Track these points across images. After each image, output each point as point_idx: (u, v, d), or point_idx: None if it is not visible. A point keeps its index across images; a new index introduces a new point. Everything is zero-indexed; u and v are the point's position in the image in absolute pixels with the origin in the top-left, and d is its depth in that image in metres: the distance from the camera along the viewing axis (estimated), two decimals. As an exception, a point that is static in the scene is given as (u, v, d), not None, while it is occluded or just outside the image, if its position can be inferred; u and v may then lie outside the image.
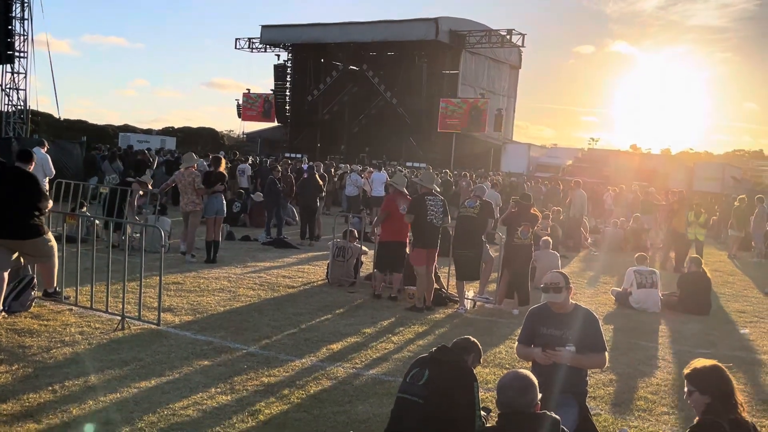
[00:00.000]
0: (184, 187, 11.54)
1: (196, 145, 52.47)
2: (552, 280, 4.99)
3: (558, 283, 4.95)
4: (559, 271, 5.27)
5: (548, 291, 4.98)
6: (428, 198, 9.11)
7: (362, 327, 7.93)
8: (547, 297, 5.04)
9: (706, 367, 3.66)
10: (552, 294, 4.95)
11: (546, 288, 4.99)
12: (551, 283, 4.96)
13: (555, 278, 5.02)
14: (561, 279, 4.99)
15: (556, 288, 4.94)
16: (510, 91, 55.92)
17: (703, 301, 10.27)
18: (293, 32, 52.46)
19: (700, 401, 3.59)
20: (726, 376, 3.64)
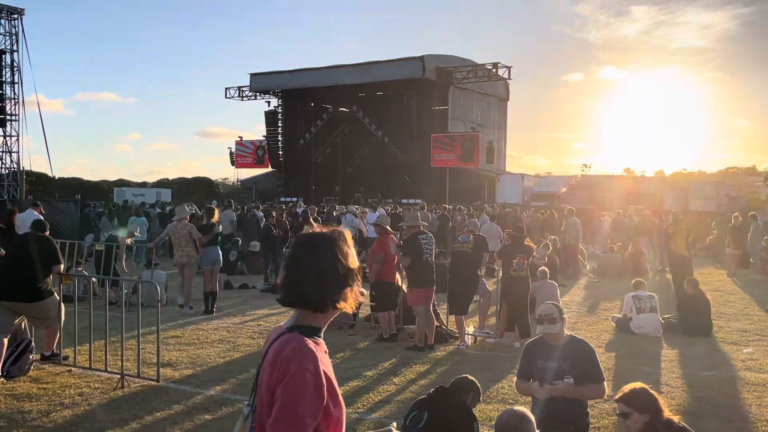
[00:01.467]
0: (177, 239, 11.56)
1: (192, 195, 52.65)
2: (546, 312, 5.05)
3: (552, 314, 5.01)
4: (553, 303, 5.33)
5: (543, 323, 5.03)
6: (421, 237, 9.15)
7: (363, 370, 7.89)
8: (541, 329, 5.08)
9: (638, 388, 3.96)
10: (547, 326, 5.00)
11: (540, 320, 5.05)
12: (546, 315, 5.03)
13: (549, 310, 5.07)
14: (555, 310, 5.05)
15: (550, 319, 5.00)
16: (500, 123, 56.36)
17: (704, 322, 10.25)
18: (282, 78, 52.98)
19: (638, 420, 3.81)
20: (654, 395, 3.92)
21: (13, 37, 28.14)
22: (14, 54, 28.09)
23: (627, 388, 4.03)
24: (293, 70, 52.80)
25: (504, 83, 53.38)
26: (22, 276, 7.33)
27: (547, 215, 27.68)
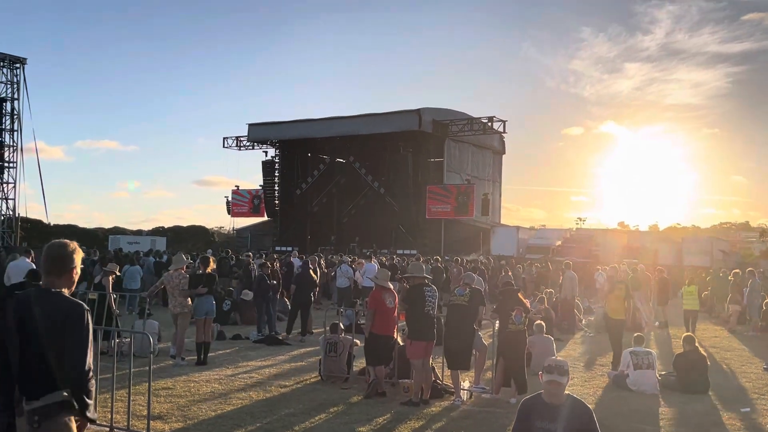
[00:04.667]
0: (172, 289, 11.50)
1: (187, 243, 52.53)
2: (557, 363, 4.90)
3: (563, 366, 4.87)
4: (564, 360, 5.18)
5: (552, 372, 4.82)
6: (426, 288, 9.11)
7: (358, 425, 7.76)
8: (550, 377, 4.83)
9: None
10: (556, 375, 4.79)
11: (550, 368, 4.83)
12: (556, 365, 4.85)
13: (560, 362, 4.94)
14: (565, 364, 4.94)
15: (561, 370, 4.82)
16: (495, 176, 56.82)
17: (701, 380, 10.16)
18: (279, 129, 53.50)
19: None
20: None
21: (15, 85, 28.54)
22: (15, 102, 28.43)
23: None
24: (291, 120, 53.43)
25: (499, 136, 54.02)
26: None
27: (540, 269, 27.68)
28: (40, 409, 3.18)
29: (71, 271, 3.58)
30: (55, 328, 3.30)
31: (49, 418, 3.19)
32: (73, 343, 3.31)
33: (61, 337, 3.28)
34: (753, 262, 37.33)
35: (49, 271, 3.54)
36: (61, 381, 3.25)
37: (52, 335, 3.28)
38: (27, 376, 3.25)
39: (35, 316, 3.32)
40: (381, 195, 49.39)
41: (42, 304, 3.37)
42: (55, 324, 3.31)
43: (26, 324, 3.31)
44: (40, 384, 3.21)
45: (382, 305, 9.31)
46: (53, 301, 3.39)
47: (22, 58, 28.80)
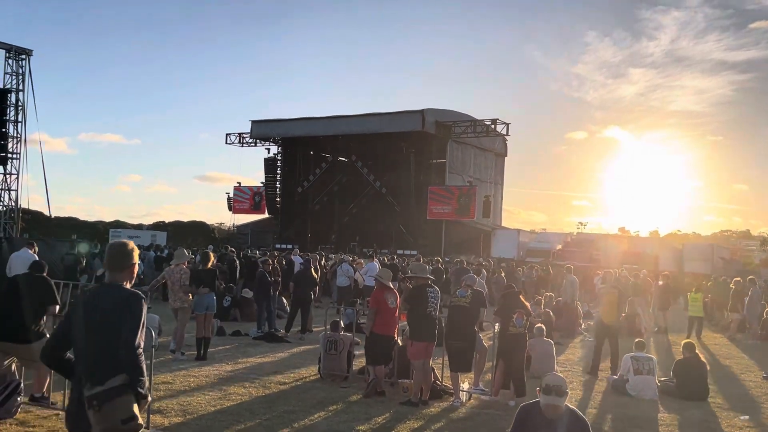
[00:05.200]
0: (172, 284, 11.50)
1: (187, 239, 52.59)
2: (555, 383, 4.70)
3: (561, 386, 4.69)
4: (560, 375, 5.04)
5: (550, 393, 4.65)
6: (429, 289, 9.10)
7: (356, 424, 7.76)
8: (547, 400, 4.67)
9: None
10: (554, 397, 4.63)
11: (548, 389, 4.66)
12: (554, 386, 4.66)
13: (558, 380, 4.74)
14: (563, 382, 4.75)
15: (559, 391, 4.65)
16: (497, 179, 56.86)
17: (700, 386, 10.15)
18: (282, 126, 53.54)
19: None
20: None
21: (20, 77, 28.50)
22: (19, 93, 28.40)
23: None
24: (294, 118, 53.46)
25: (502, 139, 54.04)
26: (15, 317, 7.27)
27: (541, 272, 27.68)
28: (100, 394, 3.45)
29: (131, 267, 3.98)
30: (117, 317, 3.66)
31: (108, 400, 3.44)
32: (127, 326, 3.64)
33: (119, 327, 3.63)
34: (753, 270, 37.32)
35: (111, 267, 3.93)
36: (120, 366, 3.55)
37: (114, 324, 3.63)
38: (93, 364, 3.56)
39: (100, 308, 3.71)
40: (382, 195, 49.42)
41: (106, 298, 3.77)
42: (117, 313, 3.67)
43: (92, 316, 3.69)
44: (105, 370, 3.50)
45: (384, 305, 9.30)
46: (115, 293, 3.78)
47: (28, 49, 28.81)
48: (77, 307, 3.85)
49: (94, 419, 3.50)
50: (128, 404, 3.53)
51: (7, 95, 27.72)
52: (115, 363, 3.56)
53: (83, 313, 3.78)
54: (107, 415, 3.48)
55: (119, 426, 3.49)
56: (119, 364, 3.57)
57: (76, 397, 3.63)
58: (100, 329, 3.65)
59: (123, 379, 3.54)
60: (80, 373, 3.64)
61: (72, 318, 3.83)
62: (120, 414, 3.50)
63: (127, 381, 3.55)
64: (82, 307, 3.82)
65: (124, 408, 3.52)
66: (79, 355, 3.72)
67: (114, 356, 3.58)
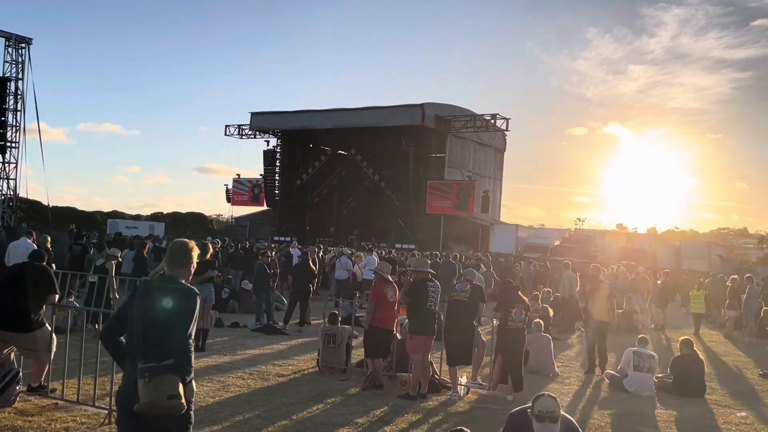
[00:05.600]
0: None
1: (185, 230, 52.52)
2: (548, 408, 4.42)
3: (554, 411, 4.43)
4: (553, 396, 4.66)
5: (543, 420, 4.40)
6: (429, 284, 9.10)
7: (355, 417, 7.77)
8: (541, 428, 4.42)
9: None
10: (548, 424, 4.39)
11: (540, 416, 4.40)
12: (547, 412, 4.40)
13: (551, 405, 4.45)
14: (556, 406, 4.48)
15: (552, 417, 4.40)
16: (496, 173, 56.81)
17: (697, 383, 10.18)
18: (282, 119, 53.45)
19: None
20: None
21: (19, 65, 28.43)
22: (19, 82, 28.34)
23: None
24: (293, 111, 53.37)
25: (501, 134, 53.96)
26: (14, 305, 7.27)
27: (539, 267, 27.70)
28: (153, 368, 3.82)
29: (189, 264, 4.36)
30: (172, 308, 4.03)
31: (156, 374, 3.81)
32: (181, 319, 4.02)
33: (174, 315, 4.01)
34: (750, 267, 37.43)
35: (171, 263, 4.30)
36: (172, 350, 3.91)
37: (168, 313, 4.00)
38: (148, 346, 3.91)
39: (157, 298, 4.06)
40: (381, 188, 49.37)
41: (164, 289, 4.12)
42: (172, 304, 4.04)
43: (149, 304, 4.05)
44: (158, 352, 3.87)
45: (383, 298, 9.31)
46: (172, 286, 4.15)
47: (28, 38, 28.73)
48: (137, 294, 4.21)
49: (143, 391, 3.81)
50: (175, 383, 3.86)
51: (7, 84, 27.66)
52: (167, 347, 3.92)
53: (142, 301, 4.12)
54: (155, 388, 3.80)
55: (165, 401, 3.81)
56: (170, 349, 3.92)
57: (131, 380, 3.96)
58: (156, 317, 3.99)
59: (173, 362, 3.89)
60: (136, 352, 3.97)
61: (130, 304, 4.19)
62: (167, 389, 3.83)
63: (176, 363, 3.90)
64: (141, 296, 4.17)
65: (171, 385, 3.85)
66: (135, 337, 4.04)
67: (167, 341, 3.93)
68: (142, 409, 3.85)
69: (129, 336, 4.12)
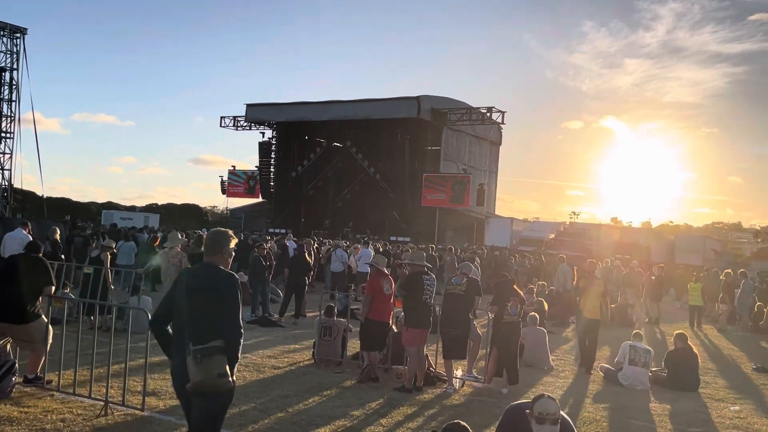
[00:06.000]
0: (167, 267, 11.46)
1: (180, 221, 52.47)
2: (548, 410, 4.30)
3: (555, 413, 4.31)
4: (553, 398, 4.54)
5: (543, 422, 4.28)
6: (425, 277, 9.12)
7: (350, 409, 7.80)
8: (540, 429, 4.32)
9: None
10: (549, 426, 4.28)
11: (541, 418, 4.29)
12: (548, 414, 4.28)
13: (551, 407, 4.33)
14: (557, 408, 4.37)
15: (553, 419, 4.28)
16: (491, 167, 56.82)
17: (691, 377, 10.24)
18: (277, 110, 53.32)
19: None
20: None
21: (14, 55, 28.26)
22: (14, 72, 28.18)
23: None
24: (289, 102, 53.21)
25: (497, 128, 53.95)
26: (10, 296, 7.27)
27: (533, 261, 27.76)
28: (202, 350, 4.13)
29: (223, 250, 4.60)
30: (214, 293, 4.33)
31: (207, 355, 4.12)
32: (229, 305, 4.34)
33: (218, 299, 4.31)
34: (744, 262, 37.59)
35: (209, 251, 4.60)
36: (219, 332, 4.21)
37: (211, 297, 4.30)
38: (195, 329, 4.22)
39: (199, 284, 4.40)
40: (377, 181, 49.33)
41: (204, 276, 4.46)
42: (213, 289, 4.34)
43: (193, 290, 4.37)
44: (206, 334, 4.18)
45: (379, 291, 9.33)
46: (212, 273, 4.44)
47: (23, 27, 28.54)
48: (180, 283, 4.56)
49: (194, 370, 4.13)
50: (223, 362, 4.18)
51: (2, 74, 27.52)
52: (214, 329, 4.21)
53: (185, 288, 4.44)
54: (206, 368, 4.12)
55: (214, 379, 4.12)
56: (217, 331, 4.21)
57: (179, 362, 4.34)
58: (200, 301, 4.28)
59: (221, 343, 4.18)
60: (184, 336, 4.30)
61: (174, 293, 4.54)
62: (216, 369, 4.14)
63: (224, 345, 4.20)
64: (184, 284, 4.49)
65: (220, 364, 4.16)
66: (183, 322, 4.36)
67: (213, 324, 4.23)
68: (194, 387, 4.16)
69: (176, 321, 4.45)
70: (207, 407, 4.31)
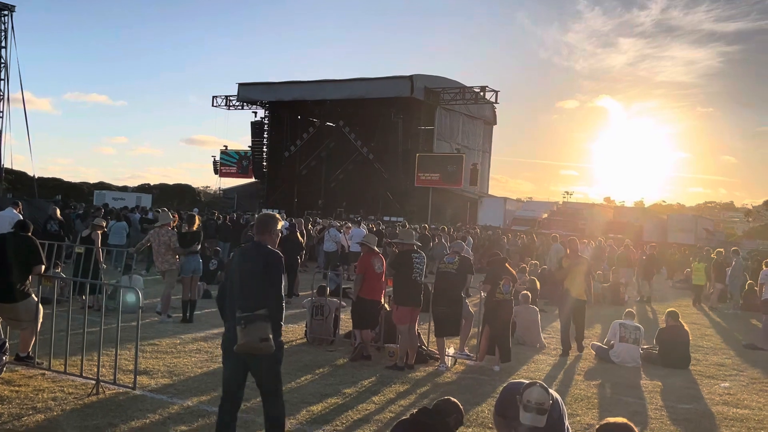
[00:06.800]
0: (158, 246, 11.41)
1: (172, 201, 52.28)
2: (537, 399, 4.32)
3: (544, 403, 4.33)
4: (545, 387, 4.54)
5: (530, 410, 4.32)
6: (414, 255, 9.11)
7: (343, 387, 7.80)
8: (527, 418, 4.37)
9: (618, 424, 3.69)
10: (535, 416, 4.31)
11: (528, 406, 4.33)
12: (536, 403, 4.32)
13: (541, 396, 4.35)
14: (546, 398, 4.37)
15: (540, 409, 4.31)
16: (485, 146, 56.79)
17: (682, 354, 10.29)
18: (269, 90, 53.03)
19: None
20: None
21: (2, 33, 27.91)
22: (1, 50, 27.85)
23: (607, 421, 3.80)
24: (281, 82, 52.89)
25: (491, 107, 53.85)
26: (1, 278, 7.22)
27: (526, 240, 27.81)
28: (246, 317, 4.67)
29: (271, 231, 5.14)
30: (261, 268, 4.89)
31: (251, 321, 4.65)
32: (273, 279, 4.91)
33: (263, 273, 4.87)
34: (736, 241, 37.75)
35: (258, 231, 5.16)
36: (263, 302, 4.76)
37: (258, 272, 4.87)
38: (242, 299, 4.79)
39: (249, 261, 4.97)
40: (370, 161, 49.25)
41: (253, 253, 5.03)
42: (261, 265, 4.90)
43: (244, 266, 4.95)
44: (252, 303, 4.73)
45: (370, 270, 9.31)
46: (260, 251, 5.00)
47: (11, 5, 28.16)
48: (234, 259, 5.19)
49: (240, 335, 4.66)
50: (265, 328, 4.68)
51: (-11, 52, 27.21)
52: (258, 299, 4.76)
53: (237, 263, 5.04)
54: (250, 332, 4.63)
55: (257, 342, 4.64)
56: (262, 301, 4.75)
57: (230, 327, 4.88)
58: (249, 275, 4.87)
59: (264, 312, 4.70)
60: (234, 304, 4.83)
61: (230, 267, 5.12)
62: (259, 333, 4.64)
63: (267, 313, 4.71)
64: (237, 259, 5.10)
65: (262, 330, 4.66)
66: (234, 292, 4.90)
67: (258, 294, 4.79)
68: (239, 349, 4.70)
69: (229, 292, 4.97)
70: (265, 365, 4.88)
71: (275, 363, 4.95)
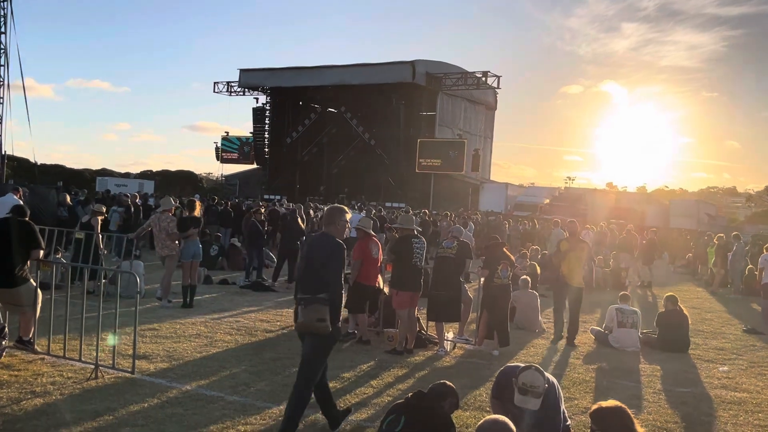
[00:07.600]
0: (159, 231, 11.44)
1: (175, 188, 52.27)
2: (532, 382, 4.36)
3: (538, 387, 4.37)
4: (541, 371, 4.57)
5: (525, 393, 4.37)
6: (414, 240, 9.10)
7: (341, 371, 7.83)
8: (521, 400, 4.41)
9: (610, 408, 3.74)
10: (529, 398, 4.35)
11: (523, 389, 4.38)
12: (530, 386, 4.36)
13: (535, 379, 4.39)
14: (541, 382, 4.40)
15: (535, 392, 4.35)
16: (486, 132, 56.64)
17: (682, 339, 10.30)
18: (271, 76, 52.87)
19: None
20: (627, 418, 3.73)
21: (2, 18, 27.78)
22: (2, 36, 27.75)
23: (600, 405, 3.85)
24: (283, 67, 52.72)
25: (493, 92, 53.64)
26: None
27: (527, 225, 27.79)
28: (306, 299, 5.17)
29: (338, 223, 5.54)
30: (325, 257, 5.32)
31: (309, 303, 5.13)
32: (334, 267, 5.33)
33: (326, 261, 5.30)
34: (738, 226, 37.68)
35: (326, 222, 5.61)
36: (323, 287, 5.18)
37: (323, 260, 5.31)
38: (305, 283, 5.33)
39: (315, 249, 5.47)
40: (371, 147, 49.17)
41: (320, 243, 5.51)
42: (326, 254, 5.33)
43: (311, 253, 5.48)
44: (313, 287, 5.20)
45: (367, 255, 9.32)
46: (326, 241, 5.46)
47: (10, -9, 27.99)
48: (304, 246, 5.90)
49: (300, 314, 5.22)
50: (323, 310, 5.10)
51: (-11, 38, 27.09)
52: (319, 284, 5.20)
53: (306, 251, 5.67)
54: (308, 312, 5.12)
55: (314, 322, 5.08)
56: (322, 286, 5.18)
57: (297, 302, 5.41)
58: (313, 262, 5.36)
59: (324, 296, 5.12)
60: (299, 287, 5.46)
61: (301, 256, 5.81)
62: (316, 315, 5.08)
63: (326, 297, 5.12)
64: (306, 246, 5.68)
65: (320, 311, 5.08)
66: (300, 276, 5.55)
67: (319, 279, 5.21)
68: (298, 327, 5.32)
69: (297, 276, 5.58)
70: (314, 343, 5.28)
71: (325, 341, 5.29)
